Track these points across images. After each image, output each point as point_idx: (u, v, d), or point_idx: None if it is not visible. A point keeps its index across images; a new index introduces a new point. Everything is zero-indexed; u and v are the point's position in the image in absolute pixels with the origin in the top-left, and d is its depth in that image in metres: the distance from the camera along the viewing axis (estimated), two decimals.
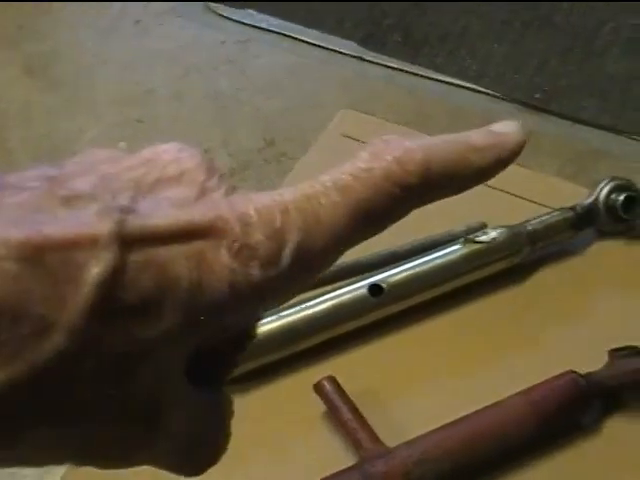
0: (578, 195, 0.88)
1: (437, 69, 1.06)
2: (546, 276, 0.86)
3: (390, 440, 0.71)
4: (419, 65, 1.06)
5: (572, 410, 0.73)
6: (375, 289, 0.80)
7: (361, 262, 0.84)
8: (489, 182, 0.91)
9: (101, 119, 1.01)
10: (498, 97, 1.03)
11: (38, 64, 1.06)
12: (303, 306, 0.78)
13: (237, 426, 0.74)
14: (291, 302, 0.79)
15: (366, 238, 0.35)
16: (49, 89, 1.04)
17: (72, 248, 0.29)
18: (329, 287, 0.81)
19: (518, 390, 0.73)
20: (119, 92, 1.04)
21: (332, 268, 0.85)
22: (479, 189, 0.93)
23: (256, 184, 0.93)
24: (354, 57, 1.08)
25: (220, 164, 0.93)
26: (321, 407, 0.74)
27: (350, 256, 0.84)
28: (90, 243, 0.29)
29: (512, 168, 0.95)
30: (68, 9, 1.12)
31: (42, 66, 1.06)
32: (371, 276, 0.81)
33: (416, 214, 0.91)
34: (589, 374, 0.74)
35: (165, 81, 1.05)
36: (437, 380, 0.78)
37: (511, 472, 0.72)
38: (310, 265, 0.34)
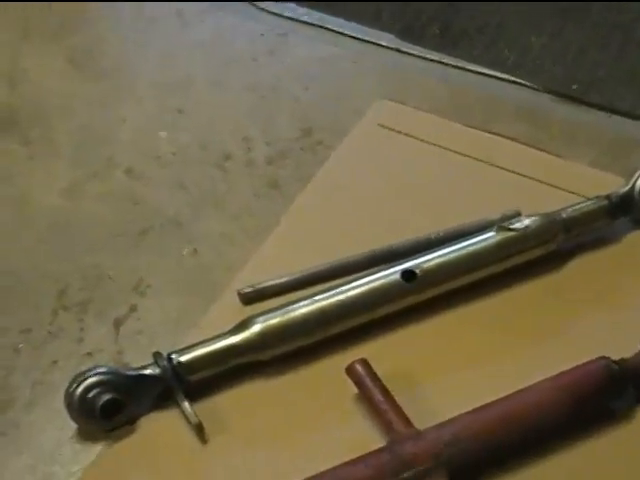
0: (613, 185, 0.88)
1: (474, 61, 1.07)
2: (581, 264, 0.86)
3: (421, 423, 0.71)
4: (455, 57, 1.07)
5: (604, 396, 0.73)
6: (408, 275, 0.80)
7: (395, 248, 0.85)
8: (525, 171, 0.93)
9: (142, 109, 1.02)
10: (535, 88, 1.03)
11: (81, 56, 1.08)
12: (337, 290, 0.79)
13: (273, 406, 0.77)
14: (325, 287, 0.80)
15: None
16: (91, 80, 1.06)
17: None
18: (363, 272, 0.82)
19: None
20: (160, 82, 1.05)
21: (366, 253, 0.87)
22: (515, 178, 0.94)
23: (293, 172, 0.94)
24: (391, 49, 1.08)
25: (259, 152, 0.95)
26: (353, 389, 0.75)
27: (385, 242, 0.86)
28: None
29: (548, 158, 0.97)
30: (110, 3, 1.14)
31: (85, 58, 1.08)
32: (405, 262, 0.81)
33: (451, 202, 0.93)
34: (622, 360, 0.74)
35: (205, 71, 1.06)
36: (469, 365, 0.79)
37: (541, 456, 0.72)
38: None
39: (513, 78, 1.04)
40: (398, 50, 1.08)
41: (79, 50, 1.09)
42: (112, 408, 0.74)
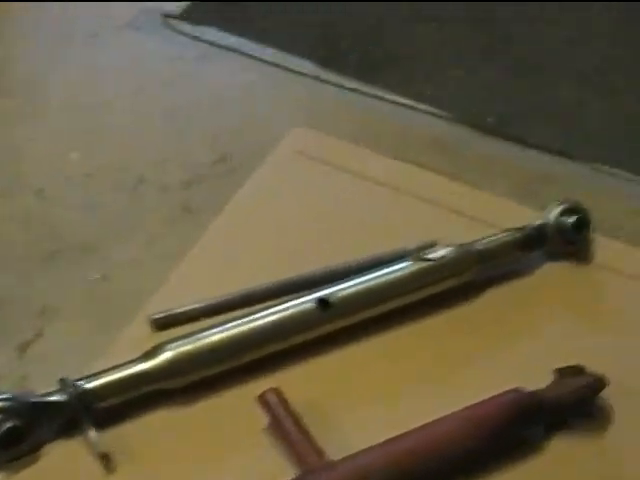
0: (528, 217, 0.89)
1: (392, 91, 1.07)
2: (495, 295, 0.86)
3: (334, 453, 0.70)
4: (374, 86, 1.07)
5: (516, 427, 0.73)
6: (323, 303, 0.79)
7: (310, 276, 0.84)
8: (441, 201, 0.93)
9: (53, 129, 1.00)
10: (451, 119, 1.04)
11: None
12: (250, 318, 0.78)
13: (181, 437, 0.75)
14: (238, 314, 0.79)
15: None
16: (0, 94, 1.03)
17: None
18: (277, 300, 0.81)
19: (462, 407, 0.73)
20: (73, 102, 1.03)
21: (280, 281, 0.86)
22: (431, 208, 0.94)
23: (208, 197, 0.93)
24: (310, 77, 1.08)
25: (173, 177, 0.93)
26: (265, 419, 0.73)
27: (300, 270, 0.85)
28: None
29: (464, 189, 0.97)
30: (26, 14, 1.11)
31: None
32: (319, 290, 0.80)
33: (368, 231, 0.93)
34: (534, 392, 0.74)
35: (120, 93, 1.04)
36: (382, 396, 0.78)
37: None
38: None
39: (430, 109, 1.05)
40: (317, 78, 1.08)
41: None
42: (12, 437, 0.71)
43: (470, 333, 0.83)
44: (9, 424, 0.71)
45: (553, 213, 0.88)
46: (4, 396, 0.72)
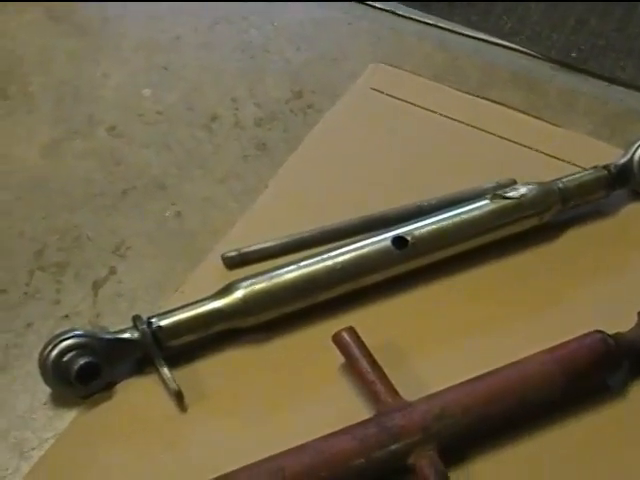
0: (612, 155, 0.86)
1: (471, 26, 1.04)
2: (577, 235, 0.83)
3: (409, 395, 0.69)
4: (453, 22, 1.04)
5: (599, 370, 0.71)
6: (400, 242, 0.77)
7: (386, 214, 0.83)
8: (521, 139, 0.90)
9: (126, 65, 0.99)
10: (533, 55, 1.00)
11: (62, 9, 1.05)
12: (325, 256, 0.76)
13: (257, 375, 0.74)
14: (313, 252, 0.78)
15: None
16: (73, 34, 1.02)
17: None
18: (351, 239, 0.79)
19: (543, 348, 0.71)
20: (145, 39, 1.02)
21: (356, 220, 0.85)
22: (510, 146, 0.92)
23: (282, 134, 0.91)
24: (387, 11, 1.05)
25: (247, 114, 0.92)
26: (340, 359, 0.72)
27: (375, 209, 0.84)
28: None
29: (545, 126, 0.94)
30: None
31: (66, 11, 1.04)
32: (396, 229, 0.78)
33: (445, 169, 0.91)
34: (618, 334, 0.72)
35: (193, 30, 1.03)
36: (459, 337, 0.76)
37: (532, 431, 0.70)
38: None
39: (510, 44, 1.01)
40: (394, 13, 1.05)
41: (59, 4, 1.05)
42: (88, 372, 0.71)
43: (550, 273, 0.80)
44: (84, 360, 0.71)
45: (638, 151, 0.85)
46: (79, 332, 0.72)
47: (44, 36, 1.02)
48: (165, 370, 0.71)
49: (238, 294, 0.74)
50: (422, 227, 0.78)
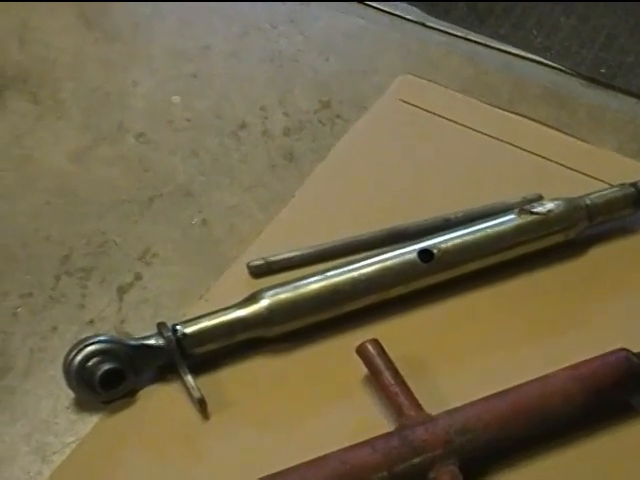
0: (639, 173, 0.85)
1: (501, 39, 1.04)
2: (602, 252, 0.83)
3: (431, 408, 0.69)
4: (482, 35, 1.04)
5: (622, 389, 0.71)
6: (425, 254, 0.77)
7: (412, 227, 0.83)
8: (548, 155, 0.90)
9: (156, 72, 0.99)
10: (563, 70, 1.00)
11: (95, 14, 1.05)
12: (350, 267, 0.77)
13: (280, 384, 0.74)
14: (338, 263, 0.78)
15: None
16: (104, 40, 1.03)
17: None
18: (377, 251, 0.79)
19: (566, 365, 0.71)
20: (175, 46, 1.02)
21: (381, 232, 0.85)
22: (538, 161, 0.92)
23: (310, 144, 0.91)
24: (417, 23, 1.05)
25: (275, 123, 0.92)
26: (363, 370, 0.72)
27: (401, 221, 0.83)
28: None
29: (573, 142, 0.93)
30: None
31: (98, 16, 1.05)
32: (422, 242, 0.78)
33: (471, 182, 0.90)
34: None
35: (223, 38, 1.03)
36: (482, 352, 0.76)
37: (552, 448, 0.69)
38: None
39: (540, 59, 1.01)
40: (424, 25, 1.05)
41: (92, 9, 1.06)
42: (112, 378, 0.71)
43: (574, 290, 0.80)
44: (108, 366, 0.71)
45: None
46: (103, 338, 0.72)
47: (77, 42, 1.02)
48: (189, 378, 0.72)
49: (263, 303, 0.74)
50: (448, 241, 0.78)
